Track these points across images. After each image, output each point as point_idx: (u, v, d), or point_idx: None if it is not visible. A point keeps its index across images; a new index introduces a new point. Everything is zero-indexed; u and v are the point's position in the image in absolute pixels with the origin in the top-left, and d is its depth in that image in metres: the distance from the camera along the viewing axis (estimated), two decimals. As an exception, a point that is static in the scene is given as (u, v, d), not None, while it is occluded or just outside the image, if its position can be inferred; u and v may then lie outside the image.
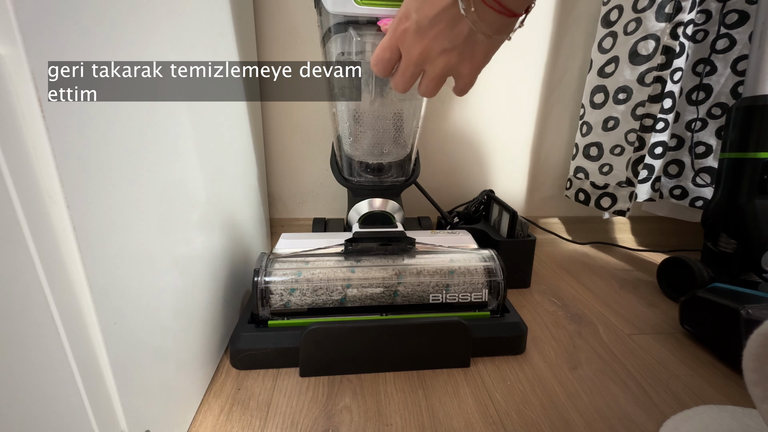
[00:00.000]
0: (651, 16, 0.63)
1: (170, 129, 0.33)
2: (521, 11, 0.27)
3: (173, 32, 0.34)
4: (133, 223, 0.27)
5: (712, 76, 0.68)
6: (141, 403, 0.28)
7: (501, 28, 0.27)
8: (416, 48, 0.28)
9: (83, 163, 0.22)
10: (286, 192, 0.79)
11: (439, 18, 0.27)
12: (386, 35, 0.30)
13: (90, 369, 0.24)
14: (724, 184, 0.60)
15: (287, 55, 0.70)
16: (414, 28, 0.28)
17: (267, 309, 0.44)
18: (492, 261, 0.49)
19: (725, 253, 0.60)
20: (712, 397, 0.42)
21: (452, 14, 0.26)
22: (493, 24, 0.27)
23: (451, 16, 0.26)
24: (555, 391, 0.42)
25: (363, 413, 0.38)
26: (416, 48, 0.28)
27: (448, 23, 0.27)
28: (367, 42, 0.43)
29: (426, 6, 0.27)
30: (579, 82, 0.78)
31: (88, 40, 0.23)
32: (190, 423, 0.36)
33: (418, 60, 0.29)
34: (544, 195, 0.86)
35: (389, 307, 0.47)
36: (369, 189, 0.59)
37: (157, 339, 0.31)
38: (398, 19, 0.29)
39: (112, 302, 0.25)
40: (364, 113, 0.51)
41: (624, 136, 0.69)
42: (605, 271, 0.74)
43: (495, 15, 0.26)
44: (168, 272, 0.32)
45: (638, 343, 0.51)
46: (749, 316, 0.43)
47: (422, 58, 0.29)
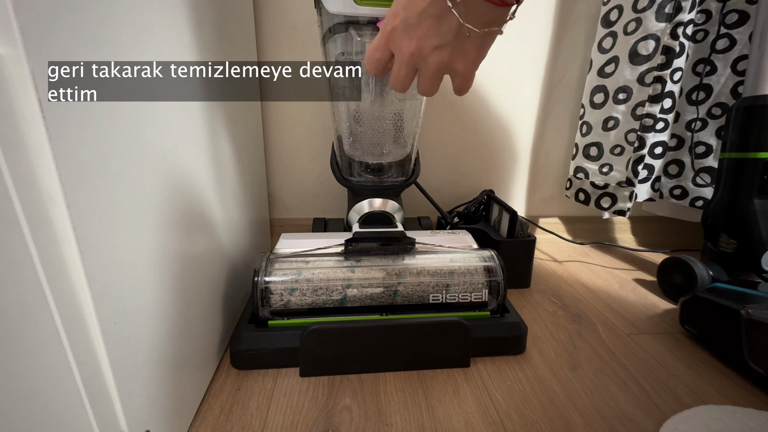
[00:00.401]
0: (651, 16, 0.63)
1: (170, 129, 0.33)
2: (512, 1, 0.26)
3: (173, 32, 0.34)
4: (133, 223, 0.27)
5: (712, 76, 0.68)
6: (141, 403, 0.28)
7: (491, 20, 0.26)
8: (407, 47, 0.28)
9: (83, 163, 0.22)
10: (286, 192, 0.79)
11: (427, 13, 0.26)
12: (377, 35, 0.30)
13: (90, 369, 0.24)
14: (724, 184, 0.60)
15: (287, 55, 0.70)
16: (402, 26, 0.28)
17: (267, 309, 0.44)
18: (492, 261, 0.49)
19: (725, 253, 0.60)
20: (712, 397, 0.42)
21: (439, 9, 0.26)
22: (482, 16, 0.26)
23: (438, 11, 0.26)
24: (555, 391, 0.42)
25: (363, 413, 0.38)
26: (407, 47, 0.28)
27: (435, 19, 0.26)
28: (367, 42, 0.43)
29: (413, 3, 0.27)
30: (579, 82, 0.78)
31: (88, 40, 0.23)
32: (190, 423, 0.36)
33: (410, 59, 0.29)
34: (544, 195, 0.86)
35: (389, 307, 0.47)
36: (369, 189, 0.59)
37: (157, 339, 0.31)
38: (387, 18, 0.29)
39: (112, 302, 0.25)
40: (364, 113, 0.51)
41: (624, 136, 0.69)
42: (605, 271, 0.74)
43: (485, 5, 0.25)
44: (168, 272, 0.32)
45: (638, 343, 0.51)
46: (749, 316, 0.43)
47: (414, 58, 0.29)
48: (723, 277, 0.58)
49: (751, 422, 0.37)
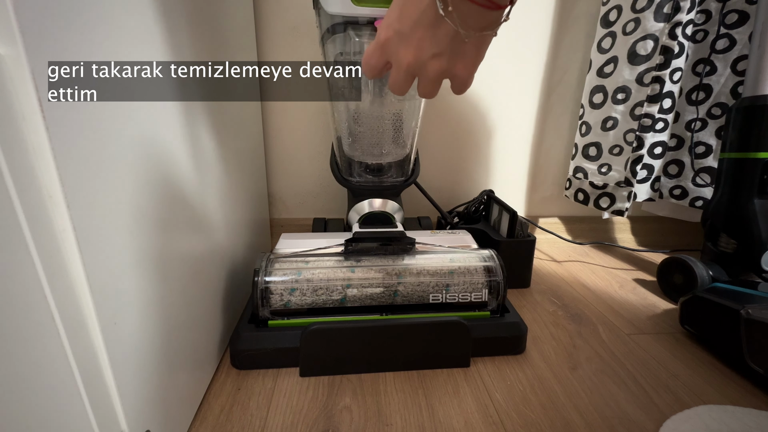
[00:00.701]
0: (650, 16, 0.63)
1: (170, 129, 0.33)
2: (505, 2, 0.25)
3: (173, 32, 0.34)
4: (134, 223, 0.27)
5: (712, 76, 0.68)
6: (141, 403, 0.28)
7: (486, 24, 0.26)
8: (404, 57, 0.28)
9: (83, 163, 0.22)
10: (286, 192, 0.79)
11: (420, 23, 0.26)
12: (372, 43, 0.30)
13: (90, 369, 0.24)
14: (724, 184, 0.60)
15: (287, 54, 0.70)
16: (396, 37, 0.28)
17: (267, 309, 0.44)
18: (492, 261, 0.49)
19: (725, 253, 0.60)
20: (712, 397, 0.42)
21: (432, 17, 0.26)
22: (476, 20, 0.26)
23: (431, 20, 0.26)
24: (555, 390, 0.42)
25: (363, 413, 0.38)
26: (404, 57, 0.28)
27: (430, 27, 0.26)
28: (366, 42, 0.43)
29: (405, 14, 0.27)
30: (578, 82, 0.78)
31: (88, 40, 0.23)
32: (190, 423, 0.36)
33: (408, 68, 0.29)
34: (544, 195, 0.86)
35: (389, 307, 0.47)
36: (369, 189, 0.59)
37: (157, 339, 0.30)
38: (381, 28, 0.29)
39: (112, 302, 0.25)
40: (364, 113, 0.51)
41: (623, 136, 0.69)
42: (605, 271, 0.74)
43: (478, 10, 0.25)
44: (168, 272, 0.32)
45: (638, 343, 0.51)
46: (749, 316, 0.43)
47: (412, 67, 0.28)
48: (723, 277, 0.58)
49: (751, 422, 0.37)
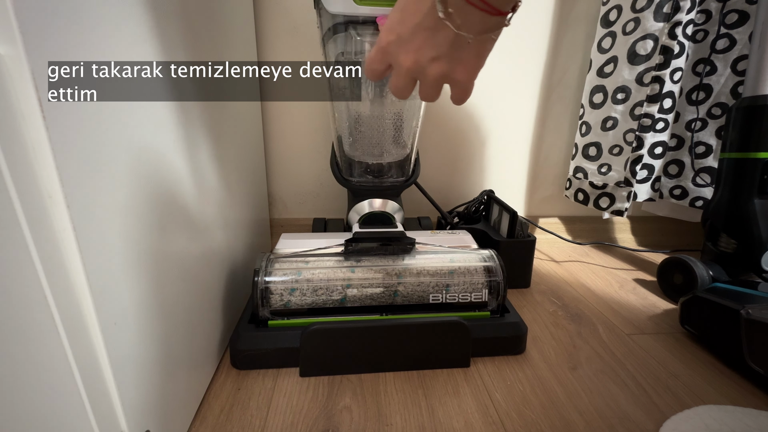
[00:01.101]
0: (649, 16, 0.63)
1: (170, 129, 0.33)
2: (507, 9, 0.26)
3: (173, 32, 0.34)
4: (134, 222, 0.27)
5: (712, 76, 0.68)
6: (141, 403, 0.28)
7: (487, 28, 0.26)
8: (404, 61, 0.28)
9: (83, 163, 0.22)
10: (286, 192, 0.79)
11: (421, 27, 0.26)
12: (374, 47, 0.30)
13: (90, 369, 0.24)
14: (724, 184, 0.60)
15: (287, 55, 0.70)
16: (397, 41, 0.28)
17: (267, 309, 0.44)
18: (492, 261, 0.49)
19: (725, 253, 0.60)
20: (712, 397, 0.42)
21: (433, 21, 0.26)
22: (477, 25, 0.26)
23: (431, 24, 0.26)
24: (555, 391, 0.42)
25: (363, 413, 0.38)
26: (404, 61, 0.28)
27: (430, 31, 0.26)
28: (367, 42, 0.43)
29: (406, 18, 0.27)
30: (578, 82, 0.78)
31: (88, 40, 0.23)
32: (190, 423, 0.36)
33: (408, 72, 0.29)
34: (544, 195, 0.86)
35: (389, 307, 0.47)
36: (369, 189, 0.59)
37: (157, 339, 0.30)
38: (382, 33, 0.29)
39: (112, 302, 0.25)
40: (364, 113, 0.51)
41: (622, 136, 0.69)
42: (605, 271, 0.74)
43: (479, 15, 0.25)
44: (168, 272, 0.32)
45: (638, 343, 0.51)
46: (749, 316, 0.43)
47: (412, 71, 0.29)
48: (723, 277, 0.58)
49: (751, 422, 0.37)
